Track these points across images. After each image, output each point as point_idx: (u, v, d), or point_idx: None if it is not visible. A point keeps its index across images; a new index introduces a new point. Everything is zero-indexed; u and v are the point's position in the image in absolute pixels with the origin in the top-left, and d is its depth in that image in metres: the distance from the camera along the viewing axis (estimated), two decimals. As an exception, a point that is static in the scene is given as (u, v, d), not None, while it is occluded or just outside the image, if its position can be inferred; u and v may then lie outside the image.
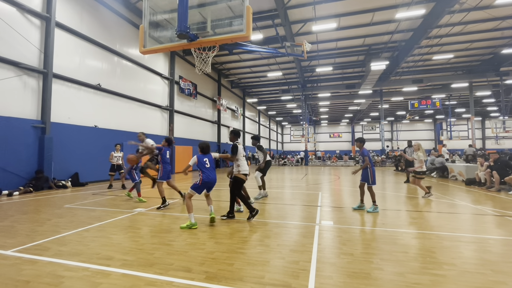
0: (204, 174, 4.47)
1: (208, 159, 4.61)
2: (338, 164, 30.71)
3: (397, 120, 49.14)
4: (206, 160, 4.57)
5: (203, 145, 4.73)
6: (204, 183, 4.48)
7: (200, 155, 4.63)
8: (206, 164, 4.55)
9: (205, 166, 4.53)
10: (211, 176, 4.52)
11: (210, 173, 4.53)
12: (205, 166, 4.53)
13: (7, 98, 8.48)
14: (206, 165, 4.54)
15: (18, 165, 8.67)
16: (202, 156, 4.62)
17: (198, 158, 4.56)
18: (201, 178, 4.46)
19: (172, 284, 2.46)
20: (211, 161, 4.63)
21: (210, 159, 4.65)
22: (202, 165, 4.53)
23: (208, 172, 4.51)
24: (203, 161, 4.55)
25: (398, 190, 9.22)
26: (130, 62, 13.88)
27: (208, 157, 4.64)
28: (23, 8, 8.89)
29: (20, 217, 5.16)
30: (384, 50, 19.26)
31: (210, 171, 4.54)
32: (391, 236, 3.94)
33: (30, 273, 2.69)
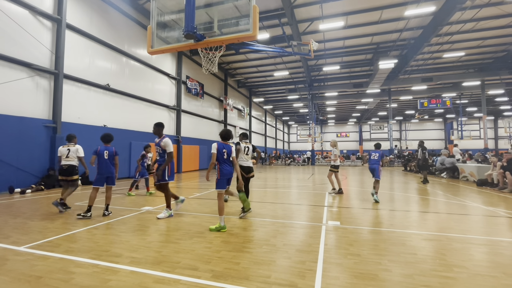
0: (220, 165, 4.34)
1: (227, 150, 4.39)
2: (345, 164, 30.42)
3: (406, 120, 48.32)
4: (225, 152, 4.36)
5: (223, 133, 4.52)
6: (223, 175, 4.34)
7: (220, 144, 4.38)
8: (224, 155, 4.36)
9: (223, 157, 4.35)
10: (227, 168, 4.38)
11: (227, 165, 4.39)
12: (223, 157, 4.35)
13: (20, 98, 8.72)
14: (224, 156, 4.36)
15: (30, 163, 8.91)
16: (222, 146, 4.37)
17: (218, 146, 4.32)
18: (218, 171, 4.33)
19: (179, 282, 2.49)
20: (229, 153, 4.42)
21: (228, 150, 4.42)
22: (221, 155, 4.33)
23: (224, 163, 4.37)
24: (222, 152, 4.33)
25: (406, 190, 9.07)
26: (138, 63, 14.06)
27: (227, 148, 4.41)
28: (35, 10, 9.11)
29: (32, 214, 5.30)
30: (393, 49, 18.96)
31: (226, 163, 4.39)
32: (399, 237, 3.89)
33: (42, 268, 2.76)
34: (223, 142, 4.48)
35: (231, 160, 4.49)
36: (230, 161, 4.48)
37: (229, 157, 4.43)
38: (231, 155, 4.46)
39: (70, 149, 5.70)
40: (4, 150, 8.14)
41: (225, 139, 4.50)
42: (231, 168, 4.46)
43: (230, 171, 4.44)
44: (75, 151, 5.71)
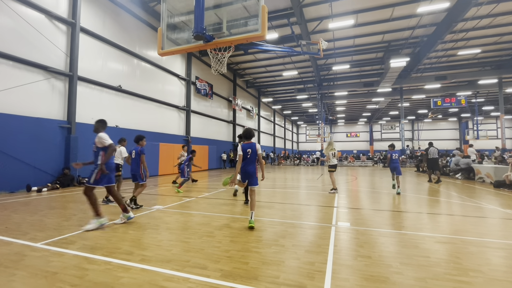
0: (243, 163, 4.47)
1: (251, 150, 4.47)
2: (356, 164, 30.00)
3: (419, 119, 47.12)
4: (249, 151, 4.47)
5: (245, 133, 4.62)
6: (243, 173, 4.50)
7: (244, 144, 4.52)
8: (248, 155, 4.46)
9: (247, 156, 4.46)
10: (246, 167, 4.47)
11: (247, 164, 4.47)
12: (247, 156, 4.46)
13: (37, 100, 9.03)
14: (248, 155, 4.46)
15: (46, 163, 9.21)
16: (246, 146, 4.50)
17: (243, 148, 4.47)
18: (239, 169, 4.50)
19: (189, 280, 2.52)
20: (253, 152, 4.49)
21: (253, 150, 4.48)
22: (245, 155, 4.46)
23: (246, 161, 4.46)
24: (246, 151, 4.47)
25: (419, 191, 8.85)
26: (148, 64, 14.31)
27: (251, 147, 4.49)
28: (51, 14, 9.41)
29: (48, 212, 5.48)
30: (405, 46, 18.55)
31: (247, 162, 4.47)
32: (411, 239, 3.80)
33: (58, 265, 2.85)
34: (246, 142, 4.58)
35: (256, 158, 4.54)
36: (253, 161, 4.52)
37: (252, 156, 4.48)
38: (258, 153, 4.51)
39: (116, 150, 6.41)
40: (22, 150, 8.45)
41: (248, 138, 4.61)
42: (250, 167, 4.49)
43: (250, 170, 4.47)
44: (120, 152, 6.53)
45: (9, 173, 8.07)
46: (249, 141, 4.59)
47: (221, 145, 22.38)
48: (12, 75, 8.34)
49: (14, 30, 8.43)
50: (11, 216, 5.07)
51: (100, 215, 4.33)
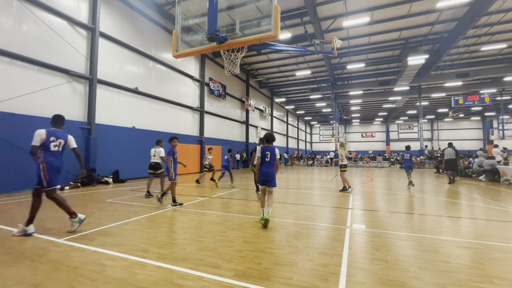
0: (261, 166, 4.68)
1: (270, 152, 4.68)
2: (371, 165, 29.28)
3: (438, 118, 45.27)
4: (268, 154, 4.67)
5: (267, 136, 4.82)
6: (261, 175, 4.69)
7: (263, 147, 4.75)
8: (266, 158, 4.66)
9: (265, 159, 4.66)
10: (265, 169, 4.64)
11: (266, 167, 4.64)
12: (264, 159, 4.67)
13: (60, 102, 9.47)
14: (266, 158, 4.66)
15: (68, 162, 9.55)
16: (265, 149, 4.71)
17: (262, 150, 4.70)
18: (257, 172, 4.75)
19: (203, 279, 2.55)
20: (272, 155, 4.67)
21: (272, 153, 4.68)
22: (263, 157, 4.68)
23: (264, 164, 4.65)
24: (264, 154, 4.68)
25: (438, 193, 8.51)
26: (164, 66, 14.65)
27: (270, 150, 4.69)
28: (72, 21, 9.85)
29: (70, 209, 5.72)
30: (423, 43, 17.89)
31: (266, 165, 4.65)
32: (431, 243, 3.65)
33: (78, 260, 2.97)
34: (267, 145, 4.78)
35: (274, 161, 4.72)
36: (271, 164, 4.69)
37: (271, 158, 4.66)
38: (276, 157, 4.71)
39: (156, 150, 7.43)
40: (46, 150, 8.88)
41: (269, 142, 4.80)
42: (269, 169, 4.67)
43: (267, 172, 4.65)
44: (159, 152, 7.32)
45: (34, 172, 8.49)
46: (269, 144, 4.78)
47: (234, 146, 22.52)
48: (37, 79, 8.80)
49: (40, 37, 8.88)
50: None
51: (74, 214, 4.07)
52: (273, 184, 4.67)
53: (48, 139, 3.92)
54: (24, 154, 8.17)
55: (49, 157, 3.94)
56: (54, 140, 3.97)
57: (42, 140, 3.88)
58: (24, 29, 8.49)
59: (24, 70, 8.48)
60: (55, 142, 3.99)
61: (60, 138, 4.09)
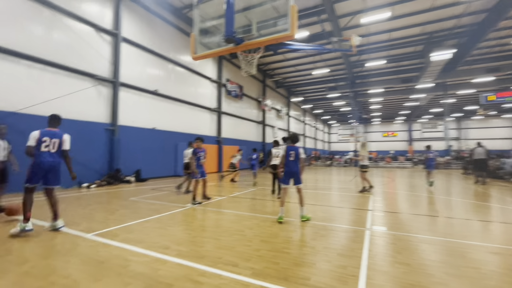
0: (285, 166, 4.89)
1: (294, 152, 4.88)
2: (393, 166, 28.23)
3: (466, 116, 42.74)
4: (292, 153, 4.88)
5: (291, 137, 5.11)
6: (286, 173, 4.89)
7: (289, 146, 4.98)
8: (290, 156, 4.87)
9: (289, 158, 4.87)
10: (290, 168, 4.84)
11: (290, 165, 4.84)
12: (288, 158, 4.88)
13: (86, 105, 10.01)
14: (290, 157, 4.87)
15: (94, 162, 10.17)
16: (290, 148, 4.94)
17: (286, 149, 4.94)
18: (283, 169, 4.95)
19: (221, 277, 2.60)
20: (296, 155, 4.87)
21: (296, 153, 4.88)
22: (287, 156, 4.89)
23: (288, 163, 4.86)
24: (289, 153, 4.90)
25: (467, 196, 8.05)
26: (182, 68, 15.02)
27: (294, 149, 4.91)
28: (98, 27, 10.37)
29: (96, 206, 6.04)
30: (449, 37, 16.95)
31: (291, 163, 4.85)
32: (458, 248, 3.47)
33: (104, 254, 3.14)
34: (291, 145, 5.00)
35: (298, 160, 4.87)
36: (295, 163, 4.86)
37: (295, 158, 4.86)
38: (299, 156, 4.88)
39: (187, 151, 8.03)
40: (74, 150, 9.34)
41: (293, 142, 5.05)
42: (294, 168, 4.85)
43: (292, 170, 4.85)
44: (188, 153, 7.81)
45: (64, 171, 9.05)
46: (294, 144, 5.01)
47: (251, 146, 22.57)
48: (66, 84, 9.35)
49: (68, 44, 9.44)
50: (66, 209, 5.68)
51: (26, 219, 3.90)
52: (299, 181, 4.87)
53: (41, 139, 4.03)
54: (55, 154, 8.74)
55: (37, 156, 4.00)
56: (46, 140, 4.05)
57: (36, 140, 3.99)
58: (54, 37, 9.06)
59: (55, 75, 9.05)
60: (47, 142, 4.05)
61: (55, 138, 4.15)
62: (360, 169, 8.59)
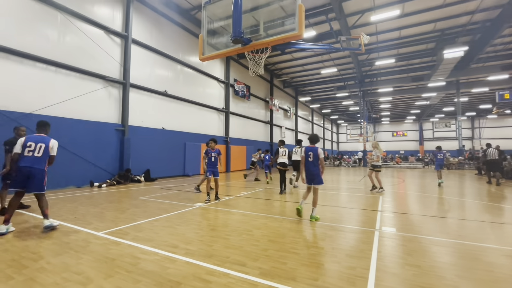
0: (305, 166, 4.96)
1: (312, 153, 4.91)
2: (403, 166, 27.71)
3: (480, 115, 41.50)
4: (310, 154, 4.93)
5: (311, 137, 5.16)
6: (306, 174, 4.98)
7: (307, 147, 5.03)
8: (309, 158, 4.93)
9: (308, 159, 4.94)
10: (309, 169, 4.91)
11: (309, 166, 4.91)
12: (307, 159, 4.94)
13: (97, 106, 10.24)
14: (309, 158, 4.93)
15: (105, 161, 10.40)
16: (308, 149, 4.98)
17: (305, 150, 4.99)
18: (301, 171, 5.03)
19: (229, 276, 2.62)
20: (315, 156, 4.89)
21: (314, 153, 4.91)
22: (307, 157, 4.95)
23: (307, 164, 4.94)
24: (307, 154, 4.96)
25: (480, 197, 7.83)
26: (190, 69, 15.17)
27: (313, 151, 4.94)
28: (108, 30, 10.59)
29: (107, 205, 6.17)
30: (462, 34, 16.52)
31: (309, 164, 4.92)
32: (470, 250, 3.39)
33: (115, 252, 3.21)
34: (311, 145, 5.05)
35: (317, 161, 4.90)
36: (314, 164, 4.89)
37: (314, 158, 4.89)
38: (319, 157, 4.89)
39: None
40: (86, 150, 9.67)
41: (313, 142, 5.08)
42: (313, 168, 4.89)
43: (311, 171, 4.90)
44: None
45: (76, 171, 9.32)
46: (313, 145, 5.05)
47: (258, 146, 22.61)
48: (78, 85, 9.60)
49: (80, 46, 9.68)
50: (78, 208, 5.84)
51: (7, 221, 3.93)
52: (318, 182, 4.88)
53: (25, 145, 4.04)
54: (68, 154, 8.98)
55: (20, 161, 4.00)
56: (31, 145, 4.03)
57: (22, 147, 4.03)
58: (67, 40, 9.31)
59: (68, 77, 9.30)
60: (31, 147, 4.03)
61: (41, 143, 4.10)
62: (373, 169, 8.69)
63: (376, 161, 8.66)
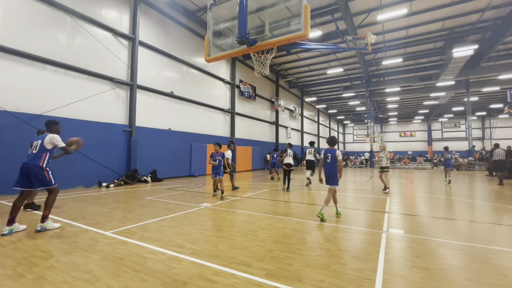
0: (323, 167, 5.13)
1: (331, 154, 5.04)
2: (411, 167, 27.28)
3: (491, 115, 40.56)
4: (329, 156, 5.06)
5: (329, 140, 5.27)
6: (325, 175, 5.10)
7: (326, 150, 5.16)
8: (328, 159, 5.07)
9: (326, 160, 5.09)
10: (327, 170, 5.06)
11: (327, 167, 5.05)
12: (326, 160, 5.09)
13: (105, 107, 10.41)
14: (327, 160, 5.07)
15: (113, 162, 10.55)
16: (327, 151, 5.11)
17: (324, 152, 5.13)
18: (319, 172, 5.21)
19: (234, 276, 2.62)
20: (332, 157, 5.02)
21: (332, 155, 5.03)
22: (325, 158, 5.11)
23: (326, 165, 5.09)
24: (326, 156, 5.10)
25: (491, 199, 7.64)
26: (196, 70, 15.28)
27: (331, 152, 5.05)
28: (116, 32, 10.76)
29: (115, 205, 6.26)
30: (471, 32, 16.19)
31: (327, 165, 5.06)
32: (481, 253, 3.31)
33: (123, 251, 3.25)
34: (329, 147, 5.17)
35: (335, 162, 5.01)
36: (331, 165, 5.02)
37: (332, 160, 5.01)
38: (338, 159, 4.99)
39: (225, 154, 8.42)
40: (94, 151, 9.82)
41: (331, 145, 5.20)
42: (330, 170, 5.02)
43: (328, 173, 5.05)
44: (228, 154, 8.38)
45: (85, 171, 9.49)
46: (331, 147, 5.16)
47: (264, 146, 22.63)
48: (87, 87, 9.77)
49: (88, 48, 9.86)
50: (87, 207, 5.93)
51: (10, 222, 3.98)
52: (334, 183, 5.00)
53: (30, 145, 4.33)
54: (77, 155, 9.14)
55: None
56: (32, 144, 4.27)
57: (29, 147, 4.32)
58: (76, 42, 9.49)
59: (76, 79, 9.48)
60: (32, 146, 4.25)
61: (38, 140, 4.25)
62: (382, 170, 8.98)
63: (386, 163, 8.99)
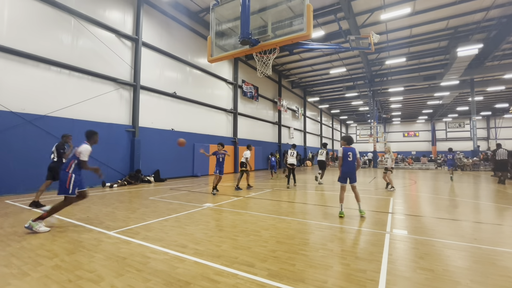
0: (343, 166, 5.17)
1: (352, 152, 5.15)
2: (415, 167, 27.08)
3: (496, 115, 40.12)
4: (350, 154, 5.15)
5: (346, 139, 5.33)
6: (344, 173, 5.18)
7: (345, 148, 5.23)
8: (349, 157, 5.14)
9: (347, 158, 5.14)
10: (349, 167, 5.14)
11: (349, 165, 5.13)
12: (347, 158, 5.14)
13: (109, 108, 10.48)
14: (348, 158, 5.14)
15: (116, 162, 10.62)
16: (347, 149, 5.19)
17: (344, 150, 5.19)
18: (340, 170, 5.24)
19: (237, 276, 2.62)
20: (353, 155, 5.16)
21: (353, 153, 5.16)
22: (345, 157, 5.15)
23: (347, 163, 5.15)
24: (346, 154, 5.16)
25: (497, 200, 7.56)
26: (199, 71, 15.33)
27: (352, 150, 5.17)
28: (120, 33, 10.83)
29: (118, 205, 6.30)
30: (476, 31, 16.03)
31: (349, 163, 5.14)
32: (487, 255, 3.27)
33: (126, 251, 3.26)
34: (348, 146, 5.27)
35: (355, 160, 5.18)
36: (353, 163, 5.16)
37: (353, 158, 5.14)
38: (356, 156, 5.18)
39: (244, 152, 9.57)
40: (98, 151, 9.87)
41: (349, 143, 5.30)
42: (352, 168, 5.17)
43: (350, 170, 5.18)
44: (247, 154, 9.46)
45: (89, 171, 9.53)
46: (350, 146, 5.28)
47: (266, 146, 22.62)
48: (91, 88, 9.85)
49: (92, 50, 9.94)
50: (91, 207, 5.98)
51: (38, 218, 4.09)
52: (355, 180, 5.19)
53: None
54: (81, 155, 9.20)
55: None
56: None
57: None
58: (80, 43, 9.57)
59: (80, 80, 9.56)
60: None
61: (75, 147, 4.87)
62: (386, 171, 9.33)
63: (391, 165, 9.39)
